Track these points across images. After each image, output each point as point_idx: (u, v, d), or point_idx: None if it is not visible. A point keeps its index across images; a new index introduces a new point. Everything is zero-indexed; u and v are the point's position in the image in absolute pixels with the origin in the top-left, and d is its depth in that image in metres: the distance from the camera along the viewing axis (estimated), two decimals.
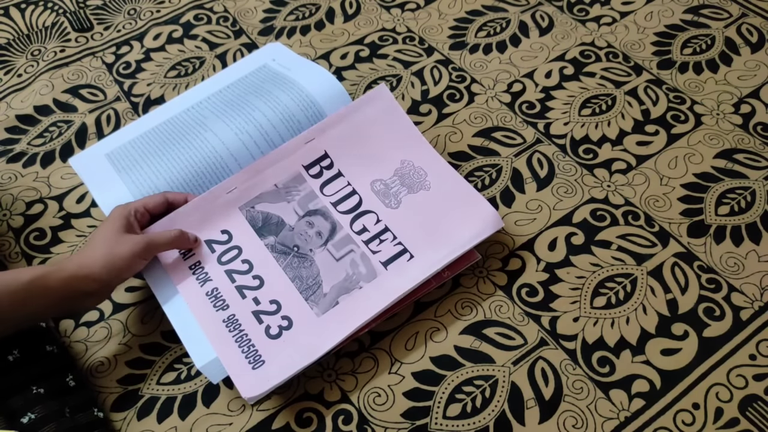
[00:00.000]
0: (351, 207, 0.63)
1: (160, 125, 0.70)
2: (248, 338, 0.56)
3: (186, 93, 0.73)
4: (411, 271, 0.59)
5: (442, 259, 0.60)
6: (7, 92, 0.81)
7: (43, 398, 0.53)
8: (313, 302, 0.58)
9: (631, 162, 0.72)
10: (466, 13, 0.88)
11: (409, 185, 0.64)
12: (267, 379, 0.54)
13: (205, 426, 0.56)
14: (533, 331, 0.60)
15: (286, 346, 0.55)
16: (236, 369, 0.54)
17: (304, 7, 0.89)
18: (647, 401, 0.56)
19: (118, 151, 0.68)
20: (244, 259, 0.60)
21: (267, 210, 0.63)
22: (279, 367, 0.54)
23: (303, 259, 0.60)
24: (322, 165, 0.65)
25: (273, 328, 0.57)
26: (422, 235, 0.61)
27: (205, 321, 0.57)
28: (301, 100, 0.68)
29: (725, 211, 0.68)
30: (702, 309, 0.61)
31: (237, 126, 0.66)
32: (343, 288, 0.59)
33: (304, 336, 0.56)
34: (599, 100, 0.77)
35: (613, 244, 0.66)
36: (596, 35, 0.84)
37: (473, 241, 0.61)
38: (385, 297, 0.58)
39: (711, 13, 0.86)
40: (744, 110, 0.76)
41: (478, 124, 0.76)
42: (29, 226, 0.69)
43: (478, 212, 0.62)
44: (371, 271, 0.59)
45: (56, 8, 0.89)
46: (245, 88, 0.72)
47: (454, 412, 0.56)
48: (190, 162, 0.65)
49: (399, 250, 0.60)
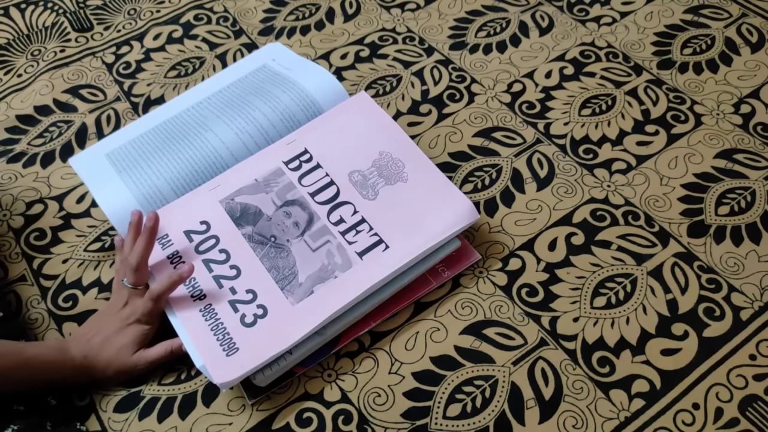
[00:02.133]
0: (328, 198, 0.64)
1: (160, 125, 0.70)
2: (223, 326, 0.57)
3: (186, 93, 0.73)
4: (386, 261, 0.60)
5: (417, 249, 0.60)
6: (7, 92, 0.81)
7: (23, 414, 0.53)
8: (288, 292, 0.59)
9: (631, 162, 0.72)
10: (466, 13, 0.88)
11: (387, 176, 0.65)
12: (240, 365, 0.54)
13: (205, 426, 0.56)
14: (533, 331, 0.60)
15: (260, 334, 0.56)
16: (210, 356, 0.55)
17: (304, 7, 0.89)
18: (647, 401, 0.56)
19: (119, 151, 0.68)
20: (221, 249, 0.61)
21: (245, 201, 0.64)
22: (252, 355, 0.55)
23: (280, 250, 0.61)
24: (301, 159, 0.66)
25: (248, 316, 0.57)
26: (398, 226, 0.62)
27: (182, 311, 0.58)
28: (301, 100, 0.68)
29: (725, 211, 0.68)
30: (702, 309, 0.61)
31: (237, 126, 0.66)
32: (319, 278, 0.59)
33: (278, 324, 0.57)
34: (599, 100, 0.77)
35: (613, 244, 0.66)
36: (596, 35, 0.84)
37: (448, 232, 0.61)
38: (359, 286, 0.58)
39: (711, 13, 0.86)
40: (744, 110, 0.76)
41: (478, 124, 0.76)
42: (29, 226, 0.69)
43: (453, 204, 0.63)
44: (347, 261, 0.60)
45: (56, 8, 0.89)
46: (245, 88, 0.72)
47: (454, 412, 0.56)
48: (190, 162, 0.65)
49: (375, 240, 0.61)
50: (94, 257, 0.66)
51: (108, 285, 0.64)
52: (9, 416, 0.53)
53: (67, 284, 0.65)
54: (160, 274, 0.60)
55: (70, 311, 0.63)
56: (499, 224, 0.67)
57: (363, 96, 0.70)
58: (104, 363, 0.56)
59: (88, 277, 0.65)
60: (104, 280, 0.65)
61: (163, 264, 0.60)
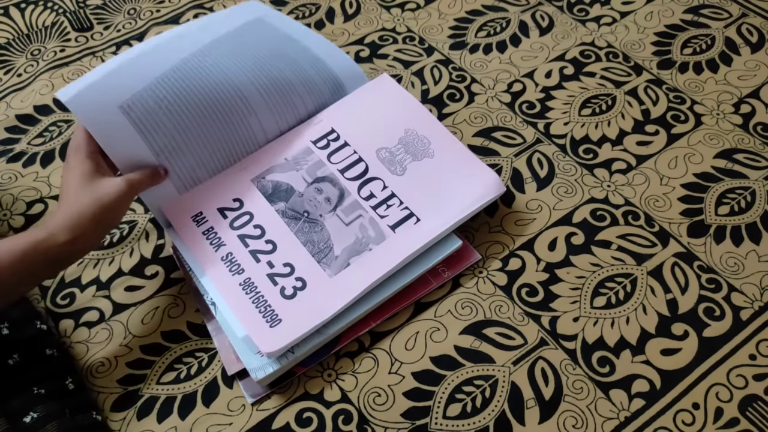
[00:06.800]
0: (358, 174, 0.65)
1: (178, 76, 0.62)
2: (264, 299, 0.58)
3: (175, 30, 0.66)
4: (418, 233, 0.61)
5: (448, 221, 0.62)
6: (7, 92, 0.81)
7: (44, 398, 0.53)
8: (325, 264, 0.60)
9: (631, 162, 0.72)
10: (466, 13, 0.88)
11: (414, 153, 0.67)
12: (285, 335, 0.56)
13: (205, 426, 0.56)
14: (533, 331, 0.60)
15: (301, 305, 0.57)
16: (255, 328, 0.56)
17: (304, 7, 0.89)
18: (647, 401, 0.56)
19: (137, 104, 0.59)
20: (255, 224, 0.62)
21: (277, 179, 0.65)
22: (296, 325, 0.56)
23: (313, 224, 0.62)
24: (329, 138, 0.68)
25: (288, 289, 0.58)
26: (428, 200, 0.63)
27: (222, 284, 0.59)
28: (328, 79, 0.70)
29: (725, 211, 0.68)
30: (702, 309, 0.61)
31: (279, 113, 0.67)
32: (354, 250, 0.61)
33: (318, 295, 0.58)
34: (599, 100, 0.77)
35: (613, 244, 0.66)
36: (596, 35, 0.84)
37: (477, 203, 0.63)
38: (394, 257, 0.60)
39: (711, 13, 0.86)
40: (744, 110, 0.76)
41: (478, 124, 0.76)
42: (30, 225, 0.69)
43: (480, 177, 0.65)
44: (380, 234, 0.61)
45: (56, 8, 0.89)
46: (261, 42, 0.69)
47: (454, 412, 0.56)
48: (232, 150, 0.65)
49: (406, 214, 0.63)
50: (93, 255, 0.66)
51: (107, 282, 0.64)
52: (29, 399, 0.53)
53: (66, 282, 0.65)
54: (196, 249, 0.61)
55: (67, 308, 0.63)
56: (499, 224, 0.67)
57: (385, 77, 0.72)
58: (64, 217, 0.51)
59: (87, 276, 0.65)
60: (103, 278, 0.65)
61: (200, 240, 0.61)
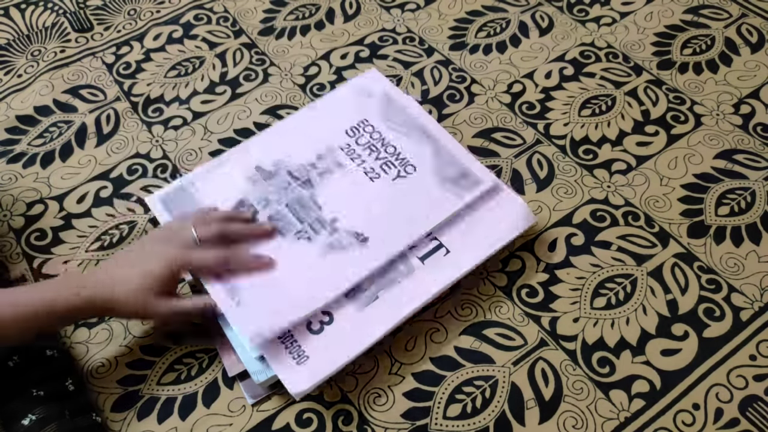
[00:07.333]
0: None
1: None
2: (290, 335, 0.56)
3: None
4: (449, 267, 0.60)
5: (480, 255, 0.61)
6: (7, 92, 0.81)
7: (43, 400, 0.53)
8: (352, 298, 0.59)
9: (631, 162, 0.72)
10: (466, 13, 0.88)
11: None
12: (314, 374, 0.54)
13: (205, 426, 0.56)
14: (533, 332, 0.60)
15: (328, 341, 0.56)
16: (281, 366, 0.55)
17: (304, 7, 0.89)
18: (647, 401, 0.56)
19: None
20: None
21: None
22: (324, 362, 0.55)
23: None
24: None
25: (314, 323, 0.57)
26: (457, 232, 0.62)
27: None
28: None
29: (725, 211, 0.68)
30: (702, 309, 0.61)
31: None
32: (382, 284, 0.59)
33: (345, 330, 0.57)
34: (599, 101, 0.77)
35: (613, 245, 0.66)
36: (596, 36, 0.84)
37: (509, 236, 0.62)
38: (424, 292, 0.59)
39: (711, 14, 0.86)
40: (744, 111, 0.76)
41: (478, 124, 0.76)
42: (30, 226, 0.69)
43: (510, 206, 0.64)
44: (409, 266, 0.60)
45: (56, 8, 0.89)
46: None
47: (454, 412, 0.56)
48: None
49: (435, 245, 0.61)
50: (95, 257, 0.67)
51: None
52: (29, 401, 0.53)
53: None
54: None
55: None
56: None
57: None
58: (129, 301, 0.54)
59: None
60: None
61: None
